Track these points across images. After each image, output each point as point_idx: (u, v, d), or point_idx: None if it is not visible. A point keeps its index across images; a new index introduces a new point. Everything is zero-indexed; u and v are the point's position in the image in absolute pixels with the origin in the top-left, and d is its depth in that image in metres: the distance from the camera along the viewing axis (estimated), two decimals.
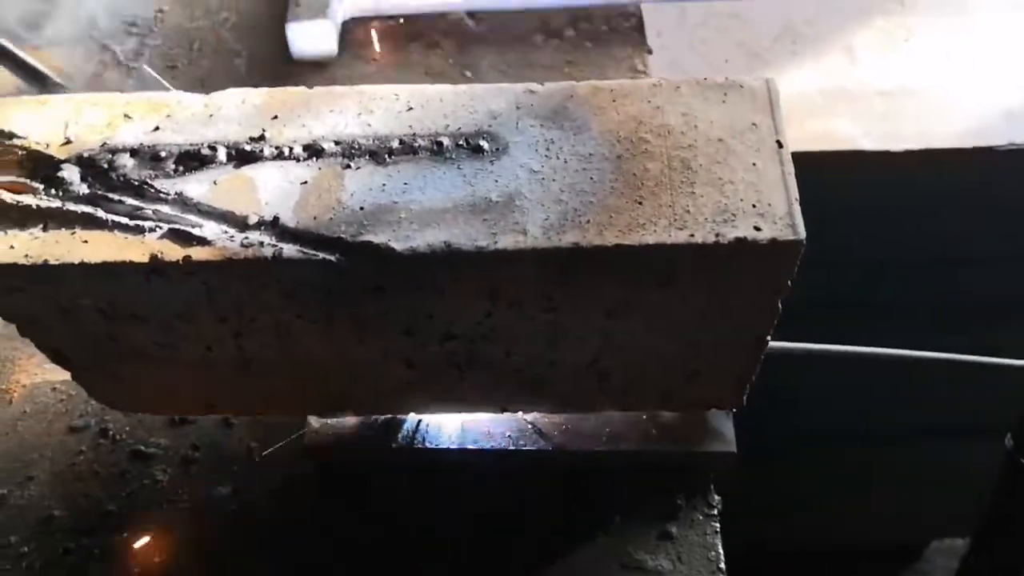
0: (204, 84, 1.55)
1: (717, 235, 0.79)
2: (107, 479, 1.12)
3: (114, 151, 0.88)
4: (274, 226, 0.83)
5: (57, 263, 0.82)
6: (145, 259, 0.82)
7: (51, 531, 1.09)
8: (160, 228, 0.83)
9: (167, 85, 1.12)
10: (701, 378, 0.99)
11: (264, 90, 0.92)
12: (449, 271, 0.82)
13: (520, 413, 1.08)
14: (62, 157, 0.88)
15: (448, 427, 1.10)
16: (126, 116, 0.91)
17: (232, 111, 0.90)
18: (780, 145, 0.85)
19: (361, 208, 0.83)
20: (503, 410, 1.06)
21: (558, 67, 1.56)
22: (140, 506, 1.10)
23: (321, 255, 0.81)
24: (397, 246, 0.80)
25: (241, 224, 0.83)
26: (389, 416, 1.10)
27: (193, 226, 0.83)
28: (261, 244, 0.82)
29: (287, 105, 0.91)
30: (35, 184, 0.87)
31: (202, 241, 0.82)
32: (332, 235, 0.82)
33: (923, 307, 1.95)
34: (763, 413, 1.14)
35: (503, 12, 1.62)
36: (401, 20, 1.64)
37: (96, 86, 1.54)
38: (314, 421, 1.11)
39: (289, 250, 0.81)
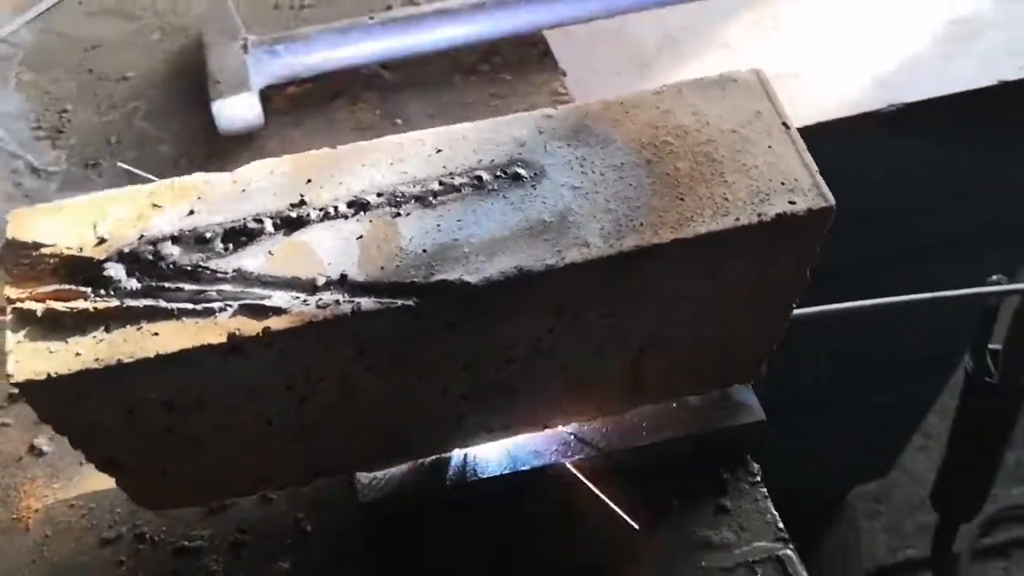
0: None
1: (759, 215, 0.87)
2: None
3: (155, 241, 0.87)
4: (343, 283, 0.84)
5: (131, 360, 0.81)
6: (223, 339, 0.81)
7: None
8: (230, 306, 0.83)
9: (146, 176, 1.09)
10: (731, 357, 1.06)
11: (288, 158, 0.93)
12: (522, 294, 0.86)
13: (559, 427, 1.12)
14: (101, 257, 0.86)
15: (494, 455, 1.12)
16: (154, 206, 0.90)
17: (263, 183, 0.91)
18: (787, 126, 0.93)
19: (424, 251, 0.86)
20: (544, 428, 1.10)
21: (485, 102, 1.61)
22: None
23: (399, 302, 0.83)
24: (471, 279, 0.83)
25: (310, 287, 0.84)
26: (435, 457, 1.12)
27: (262, 298, 0.84)
28: (337, 302, 0.83)
29: (316, 167, 0.92)
30: (82, 288, 0.85)
31: (276, 311, 0.83)
32: (405, 281, 0.84)
33: (845, 266, 2.10)
34: None
35: (414, 57, 1.65)
36: (318, 81, 1.65)
37: (20, 198, 1.48)
38: (363, 477, 1.11)
39: (367, 303, 0.83)
